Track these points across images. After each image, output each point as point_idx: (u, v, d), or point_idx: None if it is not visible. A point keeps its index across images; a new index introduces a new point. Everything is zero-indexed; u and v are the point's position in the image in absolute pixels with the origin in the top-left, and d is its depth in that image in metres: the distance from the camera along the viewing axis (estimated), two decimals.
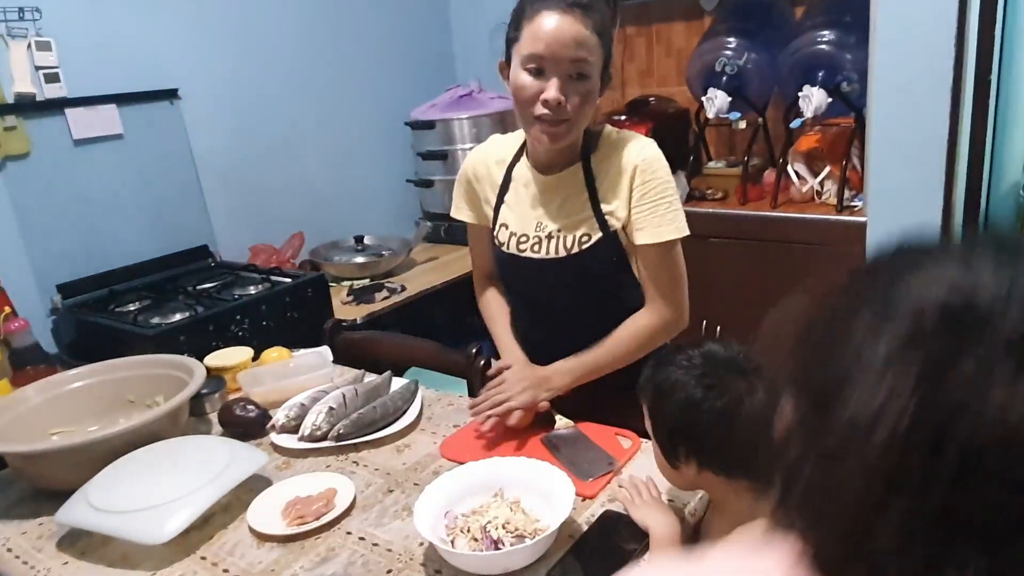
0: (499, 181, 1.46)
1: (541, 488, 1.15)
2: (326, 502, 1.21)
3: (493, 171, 1.47)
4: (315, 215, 2.89)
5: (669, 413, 1.04)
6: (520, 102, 1.29)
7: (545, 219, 1.39)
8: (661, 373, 1.05)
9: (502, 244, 1.45)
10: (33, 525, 1.26)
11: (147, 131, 2.35)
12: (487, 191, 1.48)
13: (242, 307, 2.06)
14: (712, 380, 1.00)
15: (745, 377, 1.01)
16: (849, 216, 2.22)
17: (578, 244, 1.36)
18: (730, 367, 1.02)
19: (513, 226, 1.43)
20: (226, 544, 1.16)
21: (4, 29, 2.03)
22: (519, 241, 1.42)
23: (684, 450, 1.03)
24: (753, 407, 0.99)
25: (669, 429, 1.05)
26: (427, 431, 1.47)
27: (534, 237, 1.40)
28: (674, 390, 1.02)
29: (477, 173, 1.49)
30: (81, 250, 2.23)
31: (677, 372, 1.03)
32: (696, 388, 1.00)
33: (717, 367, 1.02)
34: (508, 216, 1.44)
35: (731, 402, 0.99)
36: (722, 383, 1.00)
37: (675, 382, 1.02)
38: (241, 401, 1.51)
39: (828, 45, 2.27)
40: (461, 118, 2.95)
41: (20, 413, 1.43)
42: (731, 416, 0.99)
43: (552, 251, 1.38)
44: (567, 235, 1.37)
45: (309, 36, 2.81)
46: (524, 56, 1.25)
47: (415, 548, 1.11)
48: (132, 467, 1.25)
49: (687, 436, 1.03)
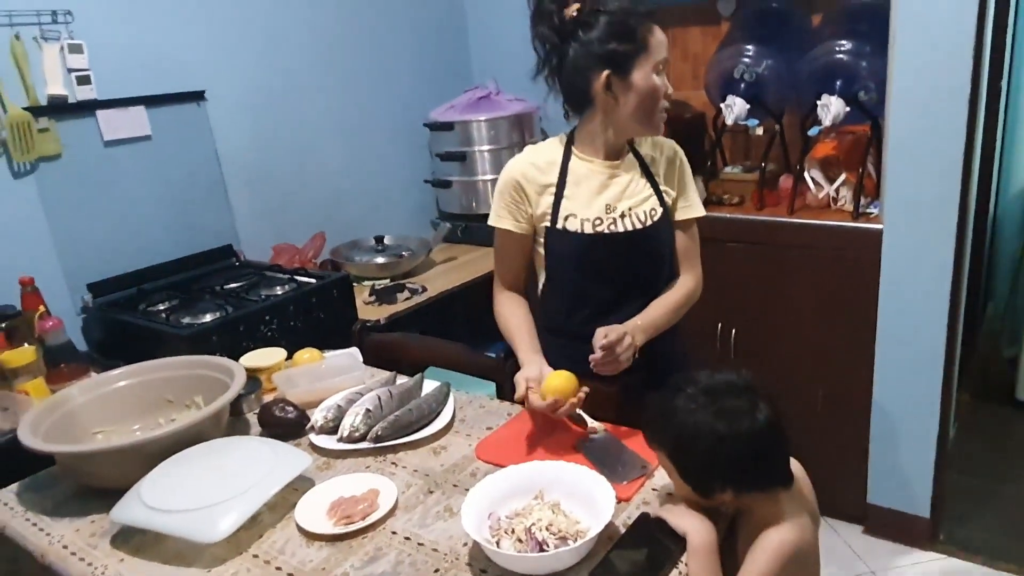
0: (553, 180, 1.57)
1: (580, 491, 1.19)
2: (370, 503, 1.25)
3: (546, 171, 1.57)
4: (335, 215, 2.93)
5: (696, 455, 1.10)
6: (653, 101, 1.50)
7: (613, 201, 1.56)
8: (675, 420, 1.11)
9: (575, 231, 1.54)
10: (85, 523, 1.30)
11: (174, 132, 2.38)
12: (538, 192, 1.57)
13: (271, 308, 2.10)
14: (724, 410, 1.08)
15: (746, 395, 1.09)
16: (865, 223, 2.26)
17: (649, 217, 1.57)
18: (730, 391, 1.10)
19: (582, 213, 1.55)
20: (276, 543, 1.21)
21: (38, 32, 2.07)
22: (594, 224, 1.54)
23: (719, 484, 1.10)
24: (764, 416, 1.07)
25: (699, 470, 1.11)
26: (461, 433, 1.51)
27: (608, 218, 1.55)
28: (696, 432, 1.08)
29: (526, 176, 1.57)
30: (109, 249, 2.27)
31: (695, 415, 1.09)
32: (718, 422, 1.07)
33: (721, 396, 1.09)
34: (571, 207, 1.55)
35: (750, 422, 1.06)
36: (733, 409, 1.07)
37: (696, 425, 1.08)
38: (280, 403, 1.55)
39: (846, 55, 2.30)
40: (479, 120, 2.99)
41: (66, 412, 1.47)
42: (754, 435, 1.06)
43: (630, 226, 1.55)
44: (637, 210, 1.56)
45: (330, 40, 2.84)
46: (657, 62, 1.48)
47: (460, 548, 1.16)
48: (182, 467, 1.29)
49: (720, 470, 1.09)
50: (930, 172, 2.11)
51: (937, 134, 2.07)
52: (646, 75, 1.48)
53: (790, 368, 2.45)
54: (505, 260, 1.66)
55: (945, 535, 2.44)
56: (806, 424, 2.45)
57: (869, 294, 2.27)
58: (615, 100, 1.50)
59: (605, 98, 1.50)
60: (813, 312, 2.37)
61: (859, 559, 2.40)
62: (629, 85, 1.48)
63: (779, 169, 2.65)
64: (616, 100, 1.50)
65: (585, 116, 1.57)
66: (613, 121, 1.53)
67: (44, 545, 1.26)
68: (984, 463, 2.82)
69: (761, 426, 1.07)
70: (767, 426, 1.07)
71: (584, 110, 1.56)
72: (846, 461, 2.46)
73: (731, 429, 1.06)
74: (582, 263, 1.57)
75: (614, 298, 1.59)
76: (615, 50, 1.46)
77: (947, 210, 2.12)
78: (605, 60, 1.47)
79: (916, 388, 2.29)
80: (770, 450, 1.10)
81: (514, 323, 1.61)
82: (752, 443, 1.07)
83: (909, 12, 2.03)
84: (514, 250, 1.63)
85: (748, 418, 1.07)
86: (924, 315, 2.22)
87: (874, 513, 2.48)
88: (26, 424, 1.36)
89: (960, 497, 2.59)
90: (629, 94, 1.49)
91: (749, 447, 1.07)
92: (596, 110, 1.53)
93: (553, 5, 1.50)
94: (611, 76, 1.47)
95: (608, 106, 1.51)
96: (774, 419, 1.09)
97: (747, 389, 1.10)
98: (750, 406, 1.08)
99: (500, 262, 1.67)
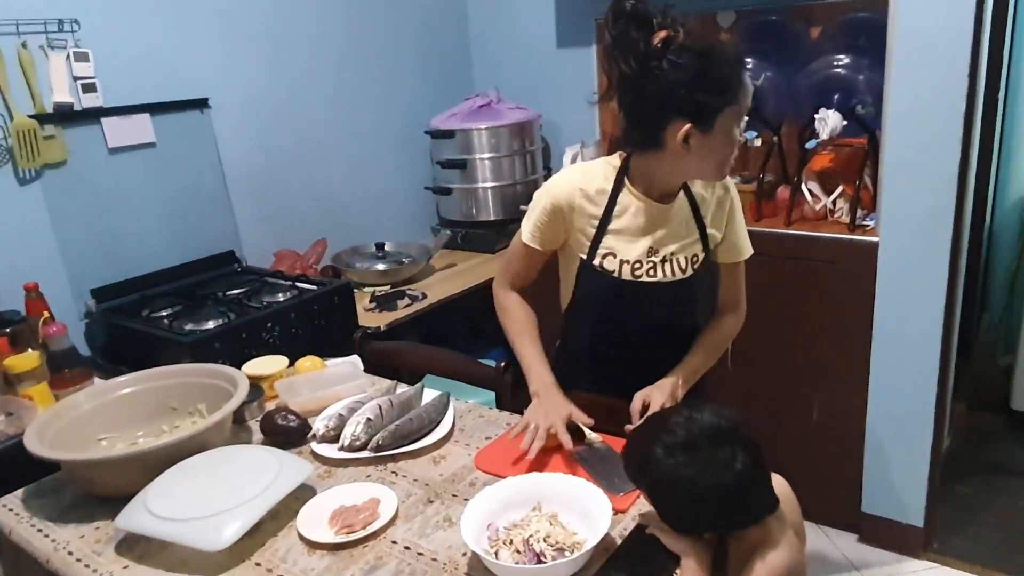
0: (600, 211, 1.49)
1: (577, 503, 1.21)
2: (371, 512, 1.27)
3: (595, 200, 1.50)
4: (336, 221, 2.95)
5: (676, 506, 1.09)
6: (731, 152, 1.40)
7: (658, 244, 1.50)
8: (653, 469, 1.08)
9: (611, 271, 1.50)
10: (90, 529, 1.32)
11: (178, 140, 2.41)
12: (584, 221, 1.51)
13: (273, 315, 2.12)
14: (703, 464, 1.04)
15: (727, 444, 1.05)
16: (861, 235, 2.29)
17: (691, 265, 1.51)
18: (710, 442, 1.06)
19: (622, 253, 1.49)
20: (279, 551, 1.23)
21: (44, 40, 2.09)
22: (633, 268, 1.49)
23: (700, 529, 1.11)
24: (745, 461, 1.04)
25: (678, 518, 1.11)
26: (460, 443, 1.53)
27: (648, 262, 1.49)
28: (676, 487, 1.06)
29: (574, 203, 1.49)
30: (113, 255, 2.29)
31: (673, 469, 1.05)
32: (696, 477, 1.04)
33: (699, 449, 1.05)
34: (614, 244, 1.49)
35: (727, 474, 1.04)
36: (712, 462, 1.04)
37: (674, 479, 1.05)
38: (282, 411, 1.57)
39: (844, 68, 2.33)
40: (480, 128, 3.01)
41: (70, 419, 1.49)
42: (739, 482, 1.04)
43: (669, 274, 1.51)
44: (680, 256, 1.51)
45: (332, 48, 2.87)
46: (743, 115, 1.38)
47: (459, 558, 1.18)
48: (187, 475, 1.31)
49: (699, 520, 1.10)
50: (926, 185, 2.13)
51: (933, 147, 2.10)
52: (729, 129, 1.36)
53: (786, 377, 2.47)
54: (521, 268, 1.62)
55: (939, 544, 2.47)
56: (801, 433, 2.48)
57: (865, 305, 2.30)
58: (688, 150, 1.37)
59: (678, 147, 1.37)
60: (809, 322, 2.39)
61: (853, 567, 2.42)
62: (709, 138, 1.35)
63: (776, 180, 2.68)
64: (689, 150, 1.37)
65: (646, 155, 1.44)
66: (679, 167, 1.42)
67: (49, 551, 1.28)
68: (978, 473, 2.84)
69: (739, 475, 1.04)
70: (745, 473, 1.04)
71: (647, 149, 1.43)
72: (841, 470, 2.49)
73: (709, 484, 1.04)
74: (613, 306, 1.53)
75: (642, 340, 1.57)
76: (702, 101, 1.32)
77: (943, 222, 2.14)
78: (689, 110, 1.33)
79: (911, 397, 2.32)
80: (749, 492, 1.07)
81: (514, 325, 1.61)
82: (731, 493, 1.05)
83: (907, 27, 2.06)
84: (537, 261, 1.60)
85: (726, 470, 1.04)
86: (919, 326, 2.24)
87: (868, 521, 2.50)
88: (32, 431, 1.38)
89: (954, 506, 2.61)
90: (706, 147, 1.36)
91: (728, 497, 1.05)
92: (662, 154, 1.40)
93: (639, 33, 1.33)
94: (692, 128, 1.34)
95: (678, 154, 1.38)
96: (752, 464, 1.05)
97: (728, 436, 1.06)
98: (728, 456, 1.04)
99: (516, 265, 1.62)
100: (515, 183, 3.09)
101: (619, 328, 1.57)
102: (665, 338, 1.57)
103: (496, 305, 1.66)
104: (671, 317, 1.56)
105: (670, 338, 1.57)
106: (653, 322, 1.55)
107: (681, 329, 1.59)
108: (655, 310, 1.53)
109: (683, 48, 1.32)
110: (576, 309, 1.61)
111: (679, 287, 1.51)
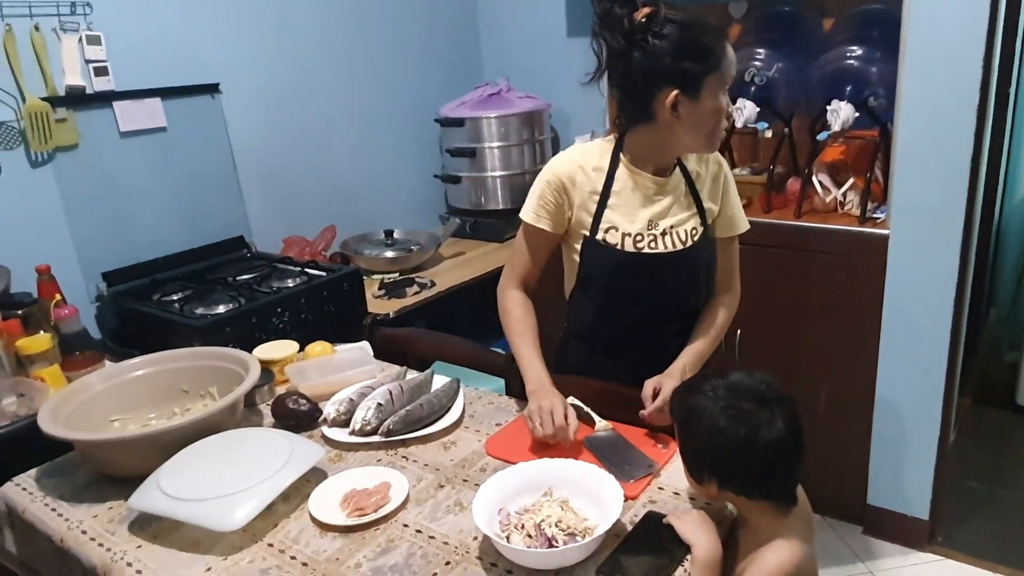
0: (599, 187, 1.53)
1: (588, 489, 1.22)
2: (382, 495, 1.28)
3: (592, 177, 1.53)
4: (345, 208, 2.95)
5: (695, 436, 1.15)
6: (717, 123, 1.44)
7: (657, 217, 1.53)
8: (691, 399, 1.17)
9: (614, 244, 1.52)
10: (103, 509, 1.33)
11: (189, 124, 2.41)
12: (584, 197, 1.53)
13: (283, 300, 2.13)
14: (735, 410, 1.11)
15: (767, 407, 1.11)
16: (871, 228, 2.28)
17: (690, 237, 1.54)
18: (752, 397, 1.12)
19: (624, 227, 1.52)
20: (291, 532, 1.24)
21: (57, 23, 2.09)
22: (635, 240, 1.52)
23: (707, 471, 1.14)
24: (772, 434, 1.09)
25: (694, 451, 1.16)
26: (471, 429, 1.54)
27: (649, 235, 1.52)
28: (701, 416, 1.13)
29: (574, 179, 1.53)
30: (123, 239, 2.30)
31: (705, 400, 1.14)
32: (720, 416, 1.11)
33: (741, 398, 1.12)
34: (615, 218, 1.52)
35: (751, 431, 1.09)
36: (744, 413, 1.10)
37: (702, 409, 1.14)
38: (293, 395, 1.58)
39: (857, 60, 2.32)
40: (490, 116, 3.01)
41: (84, 400, 1.50)
42: (750, 444, 1.09)
43: (671, 245, 1.53)
44: (679, 229, 1.53)
45: (343, 35, 2.87)
46: (728, 83, 1.42)
47: (470, 542, 1.19)
48: (200, 456, 1.32)
49: (710, 459, 1.14)
50: (937, 178, 2.13)
51: (945, 141, 2.09)
52: (715, 96, 1.41)
53: (794, 369, 2.47)
54: (528, 256, 1.61)
55: (943, 537, 2.47)
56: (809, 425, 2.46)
57: (874, 298, 2.30)
58: (678, 119, 1.41)
59: (668, 116, 1.42)
60: (818, 314, 2.39)
61: (858, 559, 2.43)
62: (696, 106, 1.40)
63: (787, 172, 2.67)
64: (679, 119, 1.41)
65: (639, 128, 1.49)
66: (671, 138, 1.46)
67: (63, 530, 1.29)
68: (984, 467, 2.84)
69: (760, 439, 1.08)
70: (766, 443, 1.08)
71: (640, 122, 1.48)
72: (847, 462, 2.49)
73: (730, 427, 1.10)
74: (618, 279, 1.55)
75: (647, 315, 1.58)
76: (687, 69, 1.38)
77: (953, 216, 2.14)
78: (675, 78, 1.39)
79: (918, 391, 2.32)
80: (783, 460, 1.12)
81: (514, 325, 1.60)
82: (746, 450, 1.09)
83: (920, 19, 2.05)
84: (542, 247, 1.60)
85: (751, 427, 1.09)
86: (928, 320, 2.24)
87: (873, 514, 2.51)
88: (46, 411, 1.39)
89: (959, 500, 2.62)
90: (695, 115, 1.41)
91: (741, 451, 1.09)
92: (654, 125, 1.45)
93: (623, 9, 1.39)
94: (679, 95, 1.39)
95: (669, 124, 1.43)
96: (777, 441, 1.09)
97: (771, 403, 1.11)
98: (763, 418, 1.09)
99: (520, 257, 1.62)
100: (524, 172, 3.09)
101: (623, 304, 1.58)
102: (668, 316, 1.59)
103: (499, 306, 1.66)
104: (674, 292, 1.58)
105: (673, 315, 1.60)
106: (656, 297, 1.57)
107: (683, 304, 1.61)
108: (658, 285, 1.55)
109: (666, 20, 1.39)
110: (581, 289, 1.62)
111: (681, 258, 1.53)
